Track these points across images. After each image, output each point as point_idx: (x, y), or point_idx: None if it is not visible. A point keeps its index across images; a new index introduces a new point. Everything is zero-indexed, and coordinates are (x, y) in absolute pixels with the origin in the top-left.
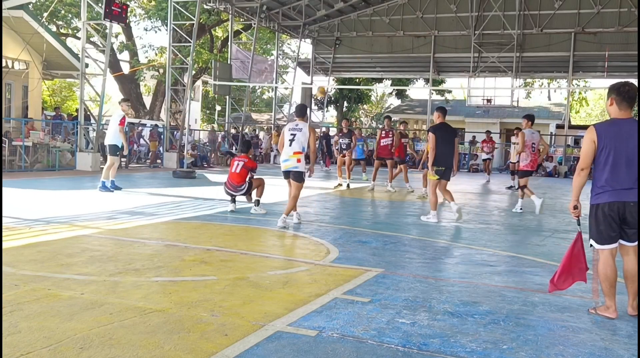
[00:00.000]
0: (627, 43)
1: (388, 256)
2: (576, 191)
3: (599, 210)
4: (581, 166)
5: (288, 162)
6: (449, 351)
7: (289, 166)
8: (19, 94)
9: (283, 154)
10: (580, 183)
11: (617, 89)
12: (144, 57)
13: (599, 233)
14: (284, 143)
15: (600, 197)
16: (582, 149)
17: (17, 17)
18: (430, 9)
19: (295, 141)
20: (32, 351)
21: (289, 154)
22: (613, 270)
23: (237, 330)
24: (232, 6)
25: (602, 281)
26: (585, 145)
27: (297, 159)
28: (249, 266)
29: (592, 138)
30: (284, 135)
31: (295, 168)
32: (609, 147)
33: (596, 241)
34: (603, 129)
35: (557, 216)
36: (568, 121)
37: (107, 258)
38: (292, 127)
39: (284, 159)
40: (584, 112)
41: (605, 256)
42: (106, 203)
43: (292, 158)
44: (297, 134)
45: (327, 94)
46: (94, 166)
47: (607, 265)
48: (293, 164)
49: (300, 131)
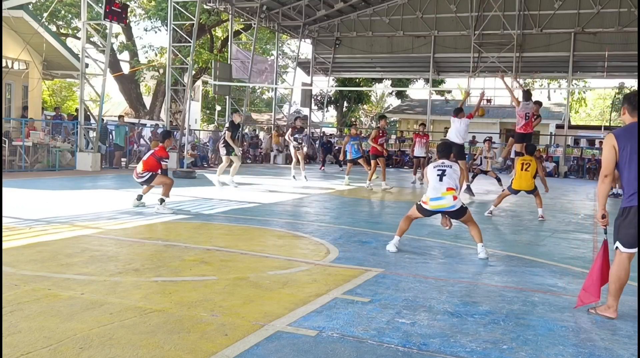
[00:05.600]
0: (627, 43)
1: (388, 256)
2: (602, 200)
3: (631, 213)
4: (604, 172)
5: (441, 201)
6: (449, 351)
7: (444, 206)
8: (19, 94)
9: (430, 191)
10: (606, 190)
11: (628, 98)
12: (144, 58)
13: (627, 236)
14: (430, 180)
15: (633, 199)
16: (603, 156)
17: (17, 17)
18: (430, 9)
19: (447, 176)
20: (32, 351)
21: (442, 191)
22: (627, 273)
23: (237, 330)
24: (232, 6)
25: (612, 281)
26: (606, 152)
27: (454, 197)
28: (249, 266)
29: (611, 144)
30: (428, 173)
31: (453, 208)
32: (630, 147)
33: (623, 245)
34: (620, 133)
35: (557, 216)
36: (568, 121)
37: (107, 258)
38: (438, 165)
39: (432, 197)
40: (583, 113)
41: (624, 258)
42: (106, 203)
43: (446, 196)
44: (446, 169)
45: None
46: (94, 166)
47: (623, 267)
48: (449, 204)
49: (450, 168)
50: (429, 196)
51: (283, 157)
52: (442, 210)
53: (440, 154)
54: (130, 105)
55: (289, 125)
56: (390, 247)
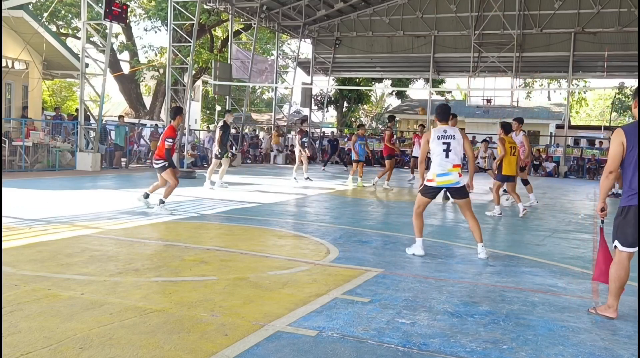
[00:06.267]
0: (627, 43)
1: (388, 256)
2: (604, 194)
3: (630, 212)
4: (609, 168)
5: (448, 176)
6: (449, 351)
7: (451, 182)
8: (19, 94)
9: (436, 167)
10: (608, 185)
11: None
12: (144, 58)
13: (625, 235)
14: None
15: (632, 199)
16: (610, 151)
17: (17, 17)
18: (430, 9)
19: (452, 150)
20: (32, 351)
21: (448, 168)
22: (627, 272)
23: (237, 330)
24: (232, 6)
25: (612, 280)
26: (613, 147)
27: (459, 174)
28: (249, 266)
29: (620, 140)
30: (432, 144)
31: (457, 184)
32: (638, 148)
33: (621, 243)
34: (630, 129)
35: (557, 216)
36: (568, 121)
37: (107, 258)
38: (441, 134)
39: (439, 173)
40: (583, 113)
41: (623, 258)
42: (106, 203)
43: (452, 172)
44: (451, 142)
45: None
46: (94, 166)
47: (622, 266)
48: (455, 179)
49: (454, 139)
50: (435, 173)
51: (283, 157)
52: (448, 186)
53: (440, 116)
54: (130, 105)
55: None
56: (417, 251)
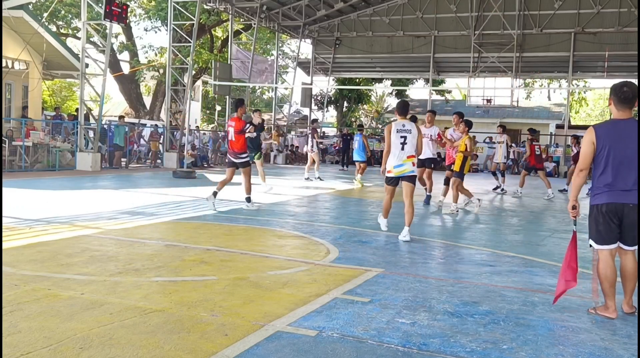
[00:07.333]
0: (627, 43)
1: (388, 256)
2: (575, 192)
3: (597, 211)
4: (580, 166)
5: (403, 167)
6: (449, 351)
7: (405, 171)
8: (19, 94)
9: (393, 159)
10: (579, 183)
11: (615, 90)
12: (144, 58)
13: (597, 233)
14: (393, 145)
15: (599, 198)
16: (581, 150)
17: (17, 17)
18: (430, 9)
19: (408, 143)
20: (32, 351)
21: (403, 159)
22: (613, 271)
23: (237, 330)
24: (232, 6)
25: (602, 281)
26: (584, 146)
27: (412, 163)
28: (249, 266)
29: (591, 139)
30: (392, 136)
31: (412, 173)
32: (608, 148)
33: (595, 242)
34: (602, 130)
35: (557, 216)
36: (568, 121)
37: (107, 258)
38: (400, 128)
39: (395, 164)
40: (583, 113)
41: (605, 256)
42: (106, 203)
43: (407, 162)
44: (407, 136)
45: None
46: (94, 166)
47: (607, 265)
48: (410, 169)
49: (410, 133)
50: (392, 165)
51: (283, 157)
52: (403, 175)
53: (400, 111)
54: (130, 105)
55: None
56: (382, 227)
